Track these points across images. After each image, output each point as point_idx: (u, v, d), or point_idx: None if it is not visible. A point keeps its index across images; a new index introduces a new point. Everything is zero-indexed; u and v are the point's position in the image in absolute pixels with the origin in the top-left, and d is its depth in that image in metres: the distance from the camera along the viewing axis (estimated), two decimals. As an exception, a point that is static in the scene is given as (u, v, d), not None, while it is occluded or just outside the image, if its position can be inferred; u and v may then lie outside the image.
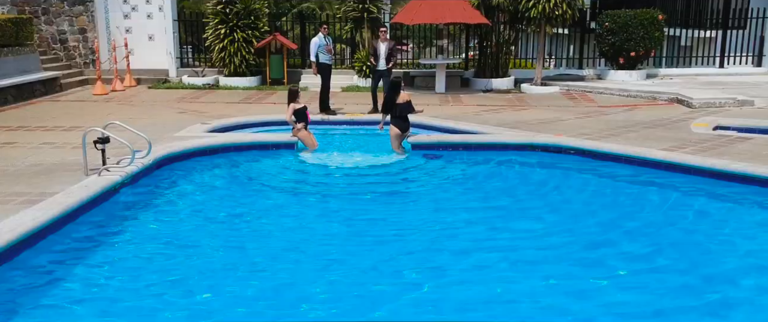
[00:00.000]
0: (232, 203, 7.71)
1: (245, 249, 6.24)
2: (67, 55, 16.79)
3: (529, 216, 7.14)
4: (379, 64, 12.00)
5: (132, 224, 6.81)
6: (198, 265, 5.82)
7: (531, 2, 14.70)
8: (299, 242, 6.40)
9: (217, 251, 6.20)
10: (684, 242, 6.33)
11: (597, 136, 10.06)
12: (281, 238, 6.55)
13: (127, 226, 6.73)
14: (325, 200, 7.78)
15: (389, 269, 5.71)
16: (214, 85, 15.99)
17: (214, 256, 6.06)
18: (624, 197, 7.96)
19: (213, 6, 15.91)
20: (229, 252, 6.14)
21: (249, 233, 6.73)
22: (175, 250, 6.18)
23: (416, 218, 7.14)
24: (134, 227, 6.72)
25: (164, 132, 10.29)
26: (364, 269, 5.70)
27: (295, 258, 6.00)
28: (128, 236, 6.48)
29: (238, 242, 6.39)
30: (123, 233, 6.56)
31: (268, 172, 9.04)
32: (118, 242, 6.33)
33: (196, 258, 5.99)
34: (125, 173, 7.59)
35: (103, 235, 6.45)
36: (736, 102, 12.66)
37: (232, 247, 6.27)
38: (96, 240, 6.30)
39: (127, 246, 6.23)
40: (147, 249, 6.17)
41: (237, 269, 5.74)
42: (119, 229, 6.64)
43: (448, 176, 8.81)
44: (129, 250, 6.14)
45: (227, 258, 6.00)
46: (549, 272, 5.56)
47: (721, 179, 7.86)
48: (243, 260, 5.96)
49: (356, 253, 6.10)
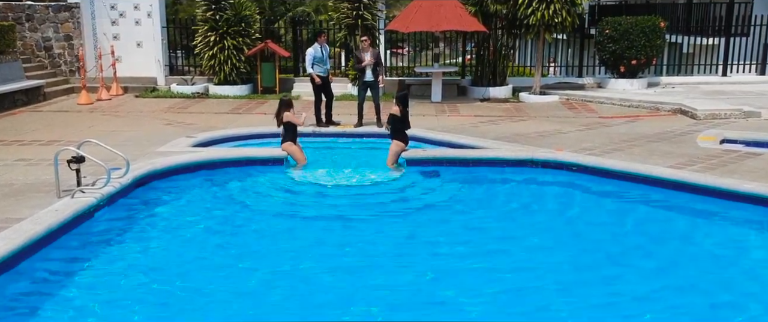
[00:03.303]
0: (218, 227, 7.24)
1: (231, 279, 5.78)
2: (52, 62, 16.28)
3: (529, 243, 6.69)
4: (366, 75, 11.51)
5: (106, 251, 6.34)
6: (180, 296, 5.37)
7: (530, 9, 14.28)
8: (290, 273, 5.95)
9: (199, 280, 5.74)
10: (706, 275, 5.86)
11: (599, 150, 9.64)
12: (270, 267, 6.08)
13: (100, 254, 6.26)
14: (317, 225, 7.27)
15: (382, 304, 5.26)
16: (203, 94, 15.52)
17: (196, 286, 5.60)
18: (630, 220, 7.57)
19: (202, 13, 15.44)
20: (213, 283, 5.67)
21: (235, 261, 6.25)
22: (155, 281, 5.72)
23: (411, 243, 6.70)
24: (108, 256, 6.25)
25: (148, 146, 9.84)
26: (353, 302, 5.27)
27: (285, 293, 5.55)
28: (101, 267, 6.00)
29: (225, 271, 5.93)
30: (96, 262, 6.08)
31: (256, 191, 8.58)
32: (91, 273, 5.86)
33: (177, 288, 5.53)
34: (101, 194, 7.13)
35: (74, 266, 5.99)
36: (742, 113, 12.25)
37: (217, 277, 5.81)
38: (65, 272, 5.84)
39: (102, 278, 5.76)
40: (122, 283, 5.68)
41: (226, 303, 5.28)
42: (92, 258, 6.17)
43: (445, 197, 8.35)
44: (103, 282, 5.67)
45: (211, 289, 5.53)
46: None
47: (736, 200, 7.42)
48: (230, 293, 5.49)
49: (348, 284, 5.67)
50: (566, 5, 14.24)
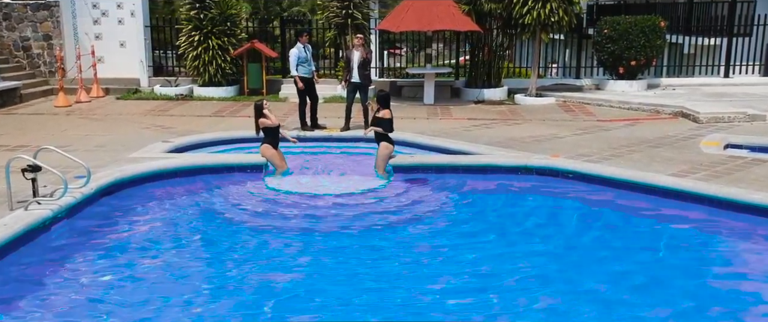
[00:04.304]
0: (190, 241, 6.68)
1: (202, 301, 5.26)
2: (31, 63, 15.73)
3: (522, 260, 6.16)
4: (353, 76, 10.98)
5: (60, 270, 5.79)
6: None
7: (525, 8, 13.76)
8: (267, 294, 5.43)
9: (158, 301, 5.21)
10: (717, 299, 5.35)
11: (597, 156, 9.12)
12: (245, 287, 5.54)
13: (53, 273, 5.71)
14: (298, 237, 6.73)
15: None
16: (187, 96, 14.97)
17: (155, 308, 5.08)
18: (631, 232, 7.02)
19: (186, 11, 14.88)
20: (175, 304, 5.14)
21: (205, 279, 5.73)
22: (112, 301, 5.18)
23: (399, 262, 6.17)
24: (62, 275, 5.70)
25: (121, 151, 9.31)
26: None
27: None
28: (53, 288, 5.45)
29: (194, 291, 5.42)
30: (46, 283, 5.53)
31: (231, 201, 8.03)
32: (40, 296, 5.30)
33: (135, 308, 5.02)
34: (58, 206, 6.58)
35: (21, 287, 5.44)
36: (747, 117, 11.73)
37: (185, 301, 5.27)
38: (11, 294, 5.28)
39: (53, 301, 5.21)
40: (73, 305, 5.14)
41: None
42: (43, 277, 5.62)
43: (432, 207, 7.79)
44: (54, 304, 5.13)
45: (177, 314, 5.00)
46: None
47: (745, 212, 6.89)
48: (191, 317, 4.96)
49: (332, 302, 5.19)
50: (563, 4, 13.74)
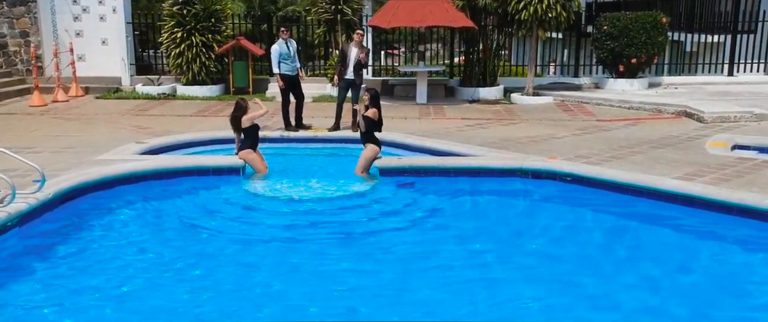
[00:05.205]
0: (157, 251, 6.09)
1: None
2: (7, 61, 15.14)
3: (517, 272, 5.60)
4: (347, 73, 10.41)
5: (5, 286, 5.21)
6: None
7: (521, 3, 13.21)
8: (239, 301, 4.92)
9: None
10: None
11: (597, 158, 8.56)
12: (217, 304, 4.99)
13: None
14: (275, 248, 6.17)
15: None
16: (170, 95, 14.39)
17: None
18: (633, 239, 6.48)
19: (169, 7, 14.30)
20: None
21: (173, 293, 5.17)
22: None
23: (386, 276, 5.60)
24: (8, 292, 5.12)
25: (90, 153, 8.72)
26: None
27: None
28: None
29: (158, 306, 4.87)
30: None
31: (207, 206, 7.46)
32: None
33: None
34: (7, 213, 6.00)
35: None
36: (754, 116, 11.19)
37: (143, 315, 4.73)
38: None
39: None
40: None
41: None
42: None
43: (421, 213, 7.21)
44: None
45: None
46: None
47: (760, 219, 6.34)
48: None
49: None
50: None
